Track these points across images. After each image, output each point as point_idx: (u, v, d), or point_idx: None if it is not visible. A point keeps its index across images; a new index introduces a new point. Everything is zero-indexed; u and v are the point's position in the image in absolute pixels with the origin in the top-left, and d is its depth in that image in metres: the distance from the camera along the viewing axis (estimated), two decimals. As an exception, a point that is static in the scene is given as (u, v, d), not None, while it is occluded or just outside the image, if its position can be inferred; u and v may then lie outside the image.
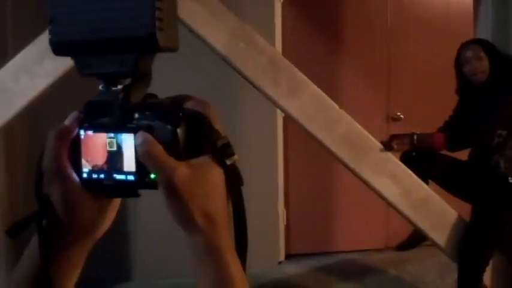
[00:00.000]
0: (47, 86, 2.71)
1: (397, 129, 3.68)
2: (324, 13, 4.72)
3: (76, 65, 0.66)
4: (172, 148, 0.60)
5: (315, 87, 2.93)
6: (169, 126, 0.61)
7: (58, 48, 0.66)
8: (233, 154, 0.63)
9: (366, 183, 3.05)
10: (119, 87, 0.64)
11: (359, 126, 3.01)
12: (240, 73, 2.84)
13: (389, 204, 3.13)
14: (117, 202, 0.70)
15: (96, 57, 0.64)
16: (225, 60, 2.81)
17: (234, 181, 0.63)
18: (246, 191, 0.65)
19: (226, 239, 0.63)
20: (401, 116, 4.82)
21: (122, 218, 3.94)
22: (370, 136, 3.04)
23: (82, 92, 0.69)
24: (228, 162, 0.62)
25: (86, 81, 0.67)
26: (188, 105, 0.64)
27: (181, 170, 0.60)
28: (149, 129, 0.61)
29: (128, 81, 0.65)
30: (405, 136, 3.13)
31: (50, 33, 0.65)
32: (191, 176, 0.60)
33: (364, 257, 4.83)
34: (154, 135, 0.61)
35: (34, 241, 0.65)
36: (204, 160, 0.62)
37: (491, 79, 3.10)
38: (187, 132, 0.61)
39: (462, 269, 3.17)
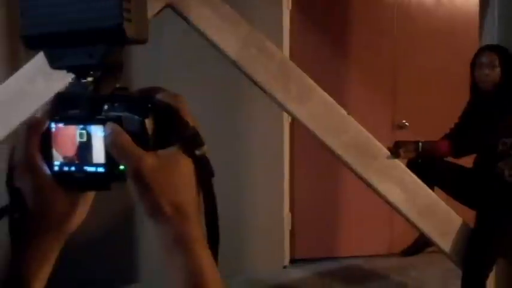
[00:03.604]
0: (62, 88, 2.75)
1: (403, 136, 3.71)
2: (331, 21, 4.76)
3: (47, 58, 0.66)
4: (141, 139, 0.60)
5: (324, 93, 2.98)
6: (137, 117, 0.61)
7: (29, 42, 0.66)
8: (203, 144, 0.63)
9: (373, 188, 3.09)
10: (89, 79, 0.64)
11: (367, 133, 3.06)
12: (250, 79, 2.88)
13: (395, 210, 3.16)
14: (89, 196, 0.70)
15: (66, 50, 0.64)
16: (236, 65, 2.86)
17: (204, 172, 0.63)
18: (252, 195, 0.64)
19: (196, 230, 0.62)
20: (407, 123, 4.85)
21: (128, 219, 3.99)
22: (377, 142, 3.08)
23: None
24: (198, 152, 0.62)
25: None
26: (158, 97, 0.63)
27: (149, 160, 0.60)
28: (118, 120, 0.61)
29: (98, 73, 0.64)
30: (411, 143, 3.17)
31: (20, 28, 0.65)
32: (159, 166, 0.60)
33: (369, 262, 4.86)
34: (123, 126, 0.61)
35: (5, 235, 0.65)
36: (173, 150, 0.62)
37: (501, 87, 3.14)
38: (156, 123, 0.61)
39: (466, 275, 3.20)
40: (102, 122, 0.62)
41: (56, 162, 0.65)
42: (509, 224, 3.19)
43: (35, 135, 0.64)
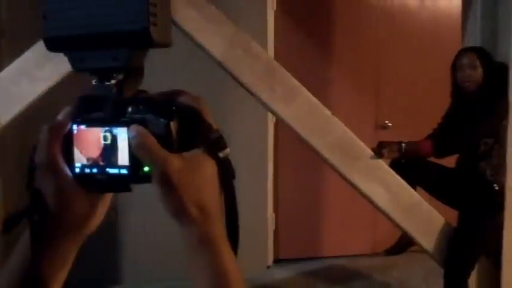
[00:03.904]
0: (46, 90, 2.74)
1: (386, 137, 3.73)
2: (316, 22, 4.79)
3: (69, 60, 0.66)
4: (166, 141, 0.61)
5: (308, 93, 2.99)
6: (162, 120, 0.61)
7: (52, 44, 0.66)
8: (226, 147, 0.65)
9: (356, 188, 3.10)
10: (112, 82, 0.65)
11: (351, 133, 3.08)
12: (236, 79, 2.89)
13: (378, 209, 3.18)
14: (108, 198, 0.70)
15: (90, 53, 0.64)
16: (222, 66, 2.86)
17: (226, 174, 0.65)
18: (236, 195, 0.67)
19: (220, 230, 0.64)
20: (390, 124, 4.90)
21: (112, 220, 3.94)
22: (361, 143, 3.10)
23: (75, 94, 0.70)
24: (221, 155, 0.64)
25: (81, 83, 0.69)
26: (181, 99, 0.64)
27: (175, 162, 0.60)
28: (142, 123, 0.61)
29: (121, 76, 0.65)
30: (394, 144, 3.20)
31: (43, 30, 0.65)
32: (184, 168, 0.61)
33: (352, 262, 4.89)
34: (148, 129, 0.61)
35: (25, 236, 0.65)
36: (197, 153, 0.62)
37: (483, 88, 3.16)
38: (180, 125, 0.62)
39: (448, 273, 3.23)
40: (126, 124, 0.62)
41: (77, 164, 0.65)
42: (491, 224, 3.23)
43: (57, 137, 0.65)
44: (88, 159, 0.65)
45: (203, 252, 0.63)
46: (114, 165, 0.64)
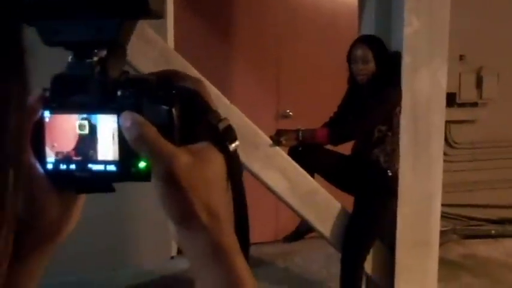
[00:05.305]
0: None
1: (287, 125, 3.77)
2: (216, 10, 4.76)
3: (39, 32, 0.53)
4: (167, 132, 0.51)
5: (207, 82, 2.97)
6: (163, 106, 0.51)
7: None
8: (236, 139, 0.54)
9: (255, 176, 3.13)
10: (95, 59, 0.53)
11: (249, 122, 3.09)
12: (130, 66, 2.82)
13: (277, 197, 3.22)
14: (82, 199, 0.58)
15: (67, 22, 0.52)
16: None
17: (236, 170, 0.55)
18: (136, 186, 0.56)
19: (232, 237, 0.54)
20: (291, 113, 4.95)
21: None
22: (259, 131, 3.12)
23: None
24: (231, 148, 0.54)
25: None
26: (180, 82, 0.54)
27: (183, 158, 0.50)
28: (137, 109, 0.51)
29: (103, 52, 0.54)
30: (291, 132, 3.23)
31: None
32: (193, 165, 0.51)
33: (255, 249, 4.85)
34: (144, 116, 0.51)
35: None
36: (205, 146, 0.53)
37: (375, 78, 3.22)
38: (182, 113, 0.52)
39: (345, 258, 3.32)
40: (116, 111, 0.52)
41: (50, 160, 0.54)
42: (385, 209, 3.34)
43: (26, 127, 0.51)
44: (64, 153, 0.54)
45: (215, 264, 0.53)
46: (99, 160, 0.53)
